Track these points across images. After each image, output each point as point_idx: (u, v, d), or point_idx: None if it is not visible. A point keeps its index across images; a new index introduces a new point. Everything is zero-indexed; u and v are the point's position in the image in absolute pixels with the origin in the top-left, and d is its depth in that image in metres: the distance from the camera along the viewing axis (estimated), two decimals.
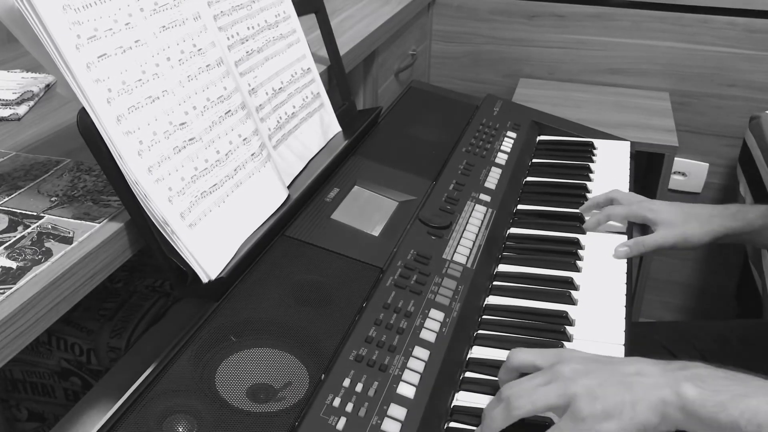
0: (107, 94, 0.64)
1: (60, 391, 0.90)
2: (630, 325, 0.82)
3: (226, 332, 0.67)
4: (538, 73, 1.90)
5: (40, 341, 0.87)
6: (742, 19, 1.68)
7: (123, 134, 0.64)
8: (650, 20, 1.75)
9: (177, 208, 0.69)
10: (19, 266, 0.60)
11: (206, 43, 0.77)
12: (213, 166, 0.75)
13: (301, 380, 0.64)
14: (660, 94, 1.78)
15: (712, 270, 1.94)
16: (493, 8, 1.86)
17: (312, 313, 0.71)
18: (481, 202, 0.99)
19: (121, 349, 0.85)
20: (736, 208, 0.95)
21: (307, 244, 0.81)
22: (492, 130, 1.19)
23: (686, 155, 1.84)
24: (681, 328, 1.14)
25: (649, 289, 1.95)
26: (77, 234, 0.65)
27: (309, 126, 0.99)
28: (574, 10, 1.80)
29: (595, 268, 0.92)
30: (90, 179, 0.75)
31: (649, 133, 1.58)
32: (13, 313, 0.56)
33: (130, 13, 0.68)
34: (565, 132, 1.27)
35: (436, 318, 0.76)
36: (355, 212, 0.89)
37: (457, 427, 0.68)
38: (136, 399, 0.60)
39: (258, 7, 0.93)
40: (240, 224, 0.77)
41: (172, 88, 0.71)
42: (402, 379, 0.68)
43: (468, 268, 0.86)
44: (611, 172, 1.16)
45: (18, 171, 0.76)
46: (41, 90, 0.98)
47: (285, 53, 0.97)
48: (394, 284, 0.78)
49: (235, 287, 0.73)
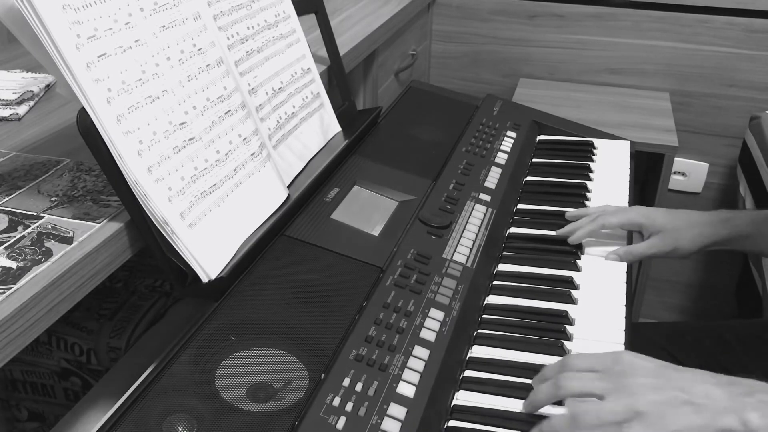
0: (107, 93, 0.64)
1: (60, 391, 0.90)
2: (630, 324, 0.82)
3: (226, 332, 0.67)
4: (538, 73, 1.90)
5: (40, 341, 0.87)
6: (742, 19, 1.68)
7: (123, 134, 0.64)
8: (650, 20, 1.75)
9: (177, 207, 0.69)
10: (19, 266, 0.60)
11: (206, 42, 0.77)
12: (213, 165, 0.75)
13: (301, 380, 0.64)
14: (660, 94, 1.78)
15: (712, 270, 1.94)
16: (493, 8, 1.86)
17: (312, 312, 0.71)
18: (481, 202, 0.99)
19: (121, 349, 0.85)
20: (726, 215, 0.95)
21: (307, 244, 0.81)
22: (492, 129, 1.19)
23: (686, 155, 1.84)
24: (681, 329, 1.13)
25: (649, 289, 1.94)
26: (77, 234, 0.65)
27: (309, 126, 0.99)
28: (574, 10, 1.80)
29: (595, 268, 0.92)
30: (90, 179, 0.75)
31: (649, 133, 1.58)
32: (13, 313, 0.56)
33: (130, 12, 0.68)
34: (565, 132, 1.27)
35: (436, 317, 0.76)
36: (355, 212, 0.89)
37: (457, 426, 0.68)
38: (136, 399, 0.60)
39: (258, 6, 0.93)
40: (240, 224, 0.77)
41: (172, 87, 0.71)
42: (402, 379, 0.68)
43: (468, 267, 0.86)
44: (611, 172, 1.16)
45: (18, 171, 0.76)
46: (41, 90, 0.98)
47: (285, 53, 0.97)
48: (394, 284, 0.78)
49: (235, 287, 0.73)
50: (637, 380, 0.63)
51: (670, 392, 0.62)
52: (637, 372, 0.64)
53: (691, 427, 0.60)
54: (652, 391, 0.62)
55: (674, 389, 0.62)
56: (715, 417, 0.60)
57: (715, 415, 0.60)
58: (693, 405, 0.61)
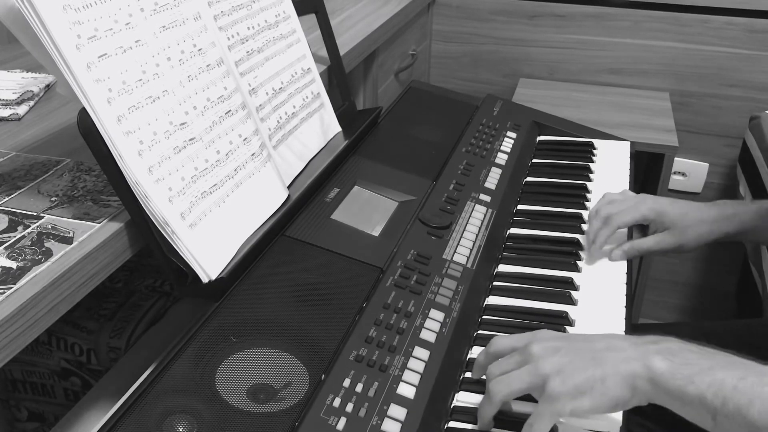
0: (107, 94, 0.64)
1: (60, 391, 0.90)
2: (630, 325, 0.82)
3: (226, 332, 0.67)
4: (538, 73, 1.90)
5: (40, 341, 0.87)
6: (742, 19, 1.68)
7: (123, 134, 0.64)
8: (650, 20, 1.75)
9: (177, 208, 0.69)
10: (19, 266, 0.60)
11: (206, 43, 0.77)
12: (213, 166, 0.75)
13: (301, 380, 0.64)
14: (660, 94, 1.78)
15: (712, 270, 1.94)
16: (493, 8, 1.86)
17: (312, 313, 0.71)
18: (481, 202, 0.99)
19: (121, 349, 0.85)
20: (731, 210, 0.96)
21: (307, 244, 0.81)
22: (492, 130, 1.19)
23: (686, 155, 1.84)
24: (681, 329, 1.13)
25: (649, 289, 1.95)
26: (77, 234, 0.65)
27: (309, 126, 0.99)
28: (574, 10, 1.80)
29: (595, 268, 0.92)
30: (90, 179, 0.75)
31: (649, 133, 1.58)
32: (13, 313, 0.56)
33: (130, 13, 0.68)
34: (565, 132, 1.27)
35: (436, 318, 0.76)
36: (355, 212, 0.89)
37: (457, 427, 0.68)
38: (136, 399, 0.60)
39: (258, 7, 0.93)
40: (240, 224, 0.77)
41: (173, 88, 0.71)
42: (402, 380, 0.68)
43: (468, 268, 0.86)
44: (611, 172, 1.16)
45: (18, 171, 0.76)
46: (41, 90, 0.98)
47: (285, 53, 0.97)
48: (394, 284, 0.78)
49: (235, 287, 0.73)
50: (541, 345, 0.65)
51: (571, 352, 0.63)
52: (542, 339, 0.66)
53: (592, 378, 0.61)
54: (554, 352, 0.64)
55: (576, 349, 0.64)
56: (618, 365, 0.61)
57: (618, 364, 0.61)
58: (594, 359, 0.62)
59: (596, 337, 0.66)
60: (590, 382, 0.61)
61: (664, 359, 0.60)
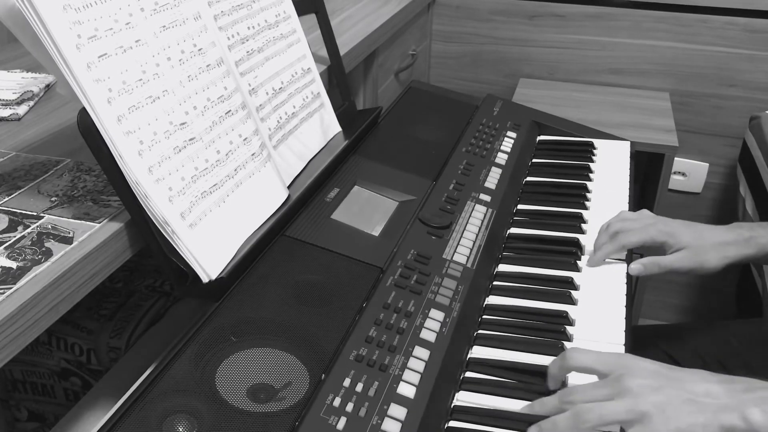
0: (108, 93, 0.64)
1: (60, 391, 0.90)
2: (630, 325, 0.82)
3: (227, 332, 0.67)
4: (538, 73, 1.90)
5: (40, 341, 0.87)
6: (742, 19, 1.68)
7: (123, 134, 0.64)
8: (650, 20, 1.75)
9: (177, 208, 0.69)
10: (19, 266, 0.60)
11: (206, 42, 0.77)
12: (213, 166, 0.75)
13: (301, 380, 0.64)
14: (660, 94, 1.78)
15: None
16: (493, 8, 1.86)
17: (312, 313, 0.71)
18: (481, 202, 0.99)
19: (121, 349, 0.85)
20: (748, 233, 0.93)
21: (307, 244, 0.81)
22: (492, 130, 1.19)
23: (686, 155, 1.84)
24: (681, 329, 1.13)
25: (649, 289, 1.95)
26: (77, 234, 0.65)
27: (309, 126, 0.99)
28: (574, 10, 1.80)
29: (595, 268, 0.92)
30: (90, 179, 0.75)
31: (649, 133, 1.58)
32: (13, 313, 0.56)
33: (130, 12, 0.68)
34: (565, 132, 1.27)
35: (436, 318, 0.76)
36: (355, 212, 0.89)
37: (457, 426, 0.68)
38: (137, 399, 0.60)
39: (258, 6, 0.93)
40: (240, 224, 0.77)
41: (173, 87, 0.71)
42: (402, 379, 0.68)
43: (468, 268, 0.86)
44: (611, 172, 1.16)
45: (18, 171, 0.76)
46: (41, 90, 0.98)
47: (285, 53, 0.97)
48: (394, 284, 0.78)
49: (235, 287, 0.73)
50: (638, 381, 0.63)
51: (671, 392, 0.62)
52: (638, 374, 0.64)
53: (695, 425, 0.60)
54: (654, 391, 0.62)
55: (675, 389, 0.63)
56: (716, 414, 0.60)
57: (716, 413, 0.61)
58: (695, 403, 0.61)
59: (690, 378, 0.65)
60: (692, 428, 0.60)
61: (762, 412, 0.59)
